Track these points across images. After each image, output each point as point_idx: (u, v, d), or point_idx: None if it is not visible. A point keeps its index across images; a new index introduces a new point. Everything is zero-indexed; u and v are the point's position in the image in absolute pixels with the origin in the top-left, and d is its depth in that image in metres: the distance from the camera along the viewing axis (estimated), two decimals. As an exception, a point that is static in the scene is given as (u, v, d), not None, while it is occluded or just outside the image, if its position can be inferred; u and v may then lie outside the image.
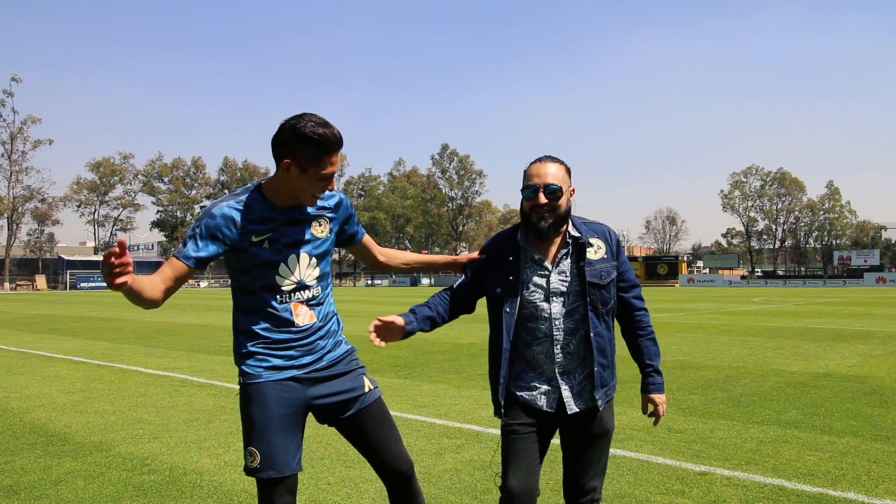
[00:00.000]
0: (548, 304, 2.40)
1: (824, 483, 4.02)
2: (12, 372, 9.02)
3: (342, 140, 2.24)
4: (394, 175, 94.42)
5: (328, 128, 2.19)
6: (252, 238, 2.27)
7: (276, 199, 2.31)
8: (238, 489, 4.04)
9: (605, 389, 2.48)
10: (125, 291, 2.03)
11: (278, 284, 2.31)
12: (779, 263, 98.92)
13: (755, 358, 9.65)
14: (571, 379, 2.43)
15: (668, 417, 5.79)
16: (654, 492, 3.90)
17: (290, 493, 2.27)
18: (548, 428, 2.46)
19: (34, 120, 70.26)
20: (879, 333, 13.08)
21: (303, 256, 2.35)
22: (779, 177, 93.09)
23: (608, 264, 2.45)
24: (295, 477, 2.30)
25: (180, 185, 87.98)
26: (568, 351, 2.42)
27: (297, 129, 2.17)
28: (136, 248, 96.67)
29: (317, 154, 2.19)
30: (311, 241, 2.37)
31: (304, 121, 2.18)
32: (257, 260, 2.28)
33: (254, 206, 2.29)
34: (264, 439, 2.27)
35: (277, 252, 2.30)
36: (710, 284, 62.25)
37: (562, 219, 2.41)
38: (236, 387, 2.46)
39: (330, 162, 2.21)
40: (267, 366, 2.33)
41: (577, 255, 2.42)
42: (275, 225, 2.30)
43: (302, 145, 2.17)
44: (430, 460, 4.61)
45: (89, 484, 4.16)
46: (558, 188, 2.37)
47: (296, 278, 2.34)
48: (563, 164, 2.47)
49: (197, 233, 2.24)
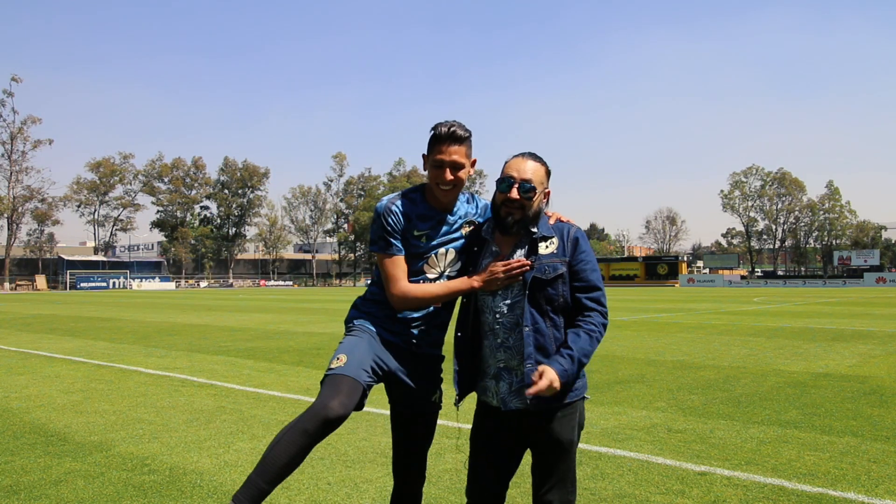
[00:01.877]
0: (492, 296, 2.41)
1: (824, 483, 4.02)
2: (12, 372, 9.02)
3: (457, 134, 2.48)
4: (394, 175, 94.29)
5: (445, 124, 2.51)
6: (414, 231, 2.57)
7: (432, 200, 2.61)
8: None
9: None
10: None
11: (424, 272, 2.59)
12: (779, 263, 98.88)
13: (755, 358, 9.65)
14: (511, 375, 2.38)
15: (668, 417, 5.80)
16: (654, 492, 3.90)
17: (344, 405, 2.27)
18: (513, 427, 2.42)
19: (34, 120, 70.42)
20: (879, 333, 13.09)
21: (450, 251, 2.62)
22: (779, 177, 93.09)
23: (556, 259, 2.38)
24: (360, 385, 2.35)
25: (180, 185, 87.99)
26: (507, 346, 2.38)
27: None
28: (137, 248, 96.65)
29: (433, 142, 2.52)
30: (459, 239, 2.64)
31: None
32: (414, 250, 2.57)
33: (418, 202, 2.60)
34: (353, 350, 2.47)
35: (431, 246, 2.59)
36: (710, 284, 62.25)
37: (530, 219, 2.39)
38: (236, 387, 2.50)
39: (440, 150, 2.48)
40: (385, 328, 2.60)
41: (529, 249, 2.40)
42: (432, 223, 2.59)
43: (429, 138, 2.54)
44: (430, 460, 4.58)
45: (89, 484, 4.15)
46: (532, 187, 2.35)
47: (440, 269, 2.61)
48: (545, 164, 2.45)
49: (388, 228, 2.54)
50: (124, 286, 68.23)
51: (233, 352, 11.11)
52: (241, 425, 5.67)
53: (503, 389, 2.38)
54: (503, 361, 2.39)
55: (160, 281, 72.93)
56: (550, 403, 2.32)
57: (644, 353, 10.40)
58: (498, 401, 2.40)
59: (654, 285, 63.11)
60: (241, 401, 6.55)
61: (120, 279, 69.63)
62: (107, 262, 77.59)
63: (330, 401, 2.25)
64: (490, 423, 2.46)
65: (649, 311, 21.31)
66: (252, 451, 4.84)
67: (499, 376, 2.40)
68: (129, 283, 68.84)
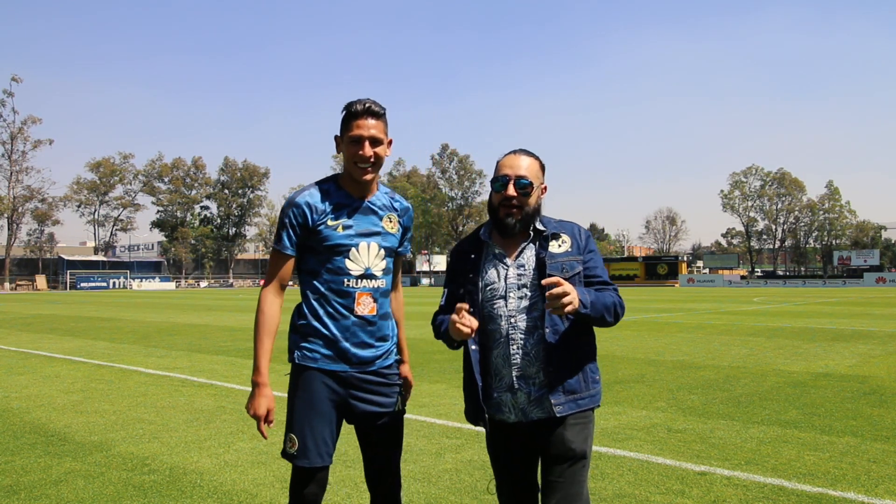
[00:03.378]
0: (504, 300, 2.25)
1: (824, 483, 4.02)
2: (12, 372, 9.02)
3: (374, 109, 2.36)
4: (394, 175, 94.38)
5: (360, 101, 2.37)
6: (328, 221, 2.38)
7: (348, 187, 2.44)
8: (238, 489, 4.04)
9: (572, 397, 2.21)
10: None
11: (348, 269, 2.39)
12: (779, 263, 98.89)
13: (755, 358, 9.65)
14: (530, 384, 2.22)
15: (668, 417, 5.80)
16: (654, 492, 3.90)
17: (318, 485, 2.36)
18: (528, 441, 2.28)
19: (34, 120, 70.34)
20: (879, 333, 13.08)
21: (373, 245, 2.43)
22: (779, 177, 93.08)
23: (573, 257, 2.27)
24: (326, 470, 2.38)
25: (180, 185, 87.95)
26: (526, 352, 2.21)
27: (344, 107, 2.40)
28: (137, 248, 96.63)
29: (348, 119, 2.37)
30: (381, 234, 2.46)
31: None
32: (331, 242, 2.37)
33: (331, 192, 2.43)
34: (303, 427, 2.35)
35: (350, 237, 2.40)
36: (709, 284, 62.26)
37: (530, 216, 2.28)
38: (236, 387, 2.50)
39: (357, 125, 2.34)
40: (325, 353, 2.39)
41: (540, 246, 2.28)
42: (348, 210, 2.41)
43: (341, 118, 2.40)
44: (430, 460, 4.61)
45: (89, 484, 4.15)
46: (529, 183, 2.26)
47: (364, 265, 2.41)
48: (538, 158, 2.36)
49: (286, 222, 2.39)
50: (124, 286, 68.23)
51: (233, 352, 11.11)
52: (241, 425, 5.67)
53: (522, 400, 2.22)
54: (520, 370, 2.22)
55: (160, 281, 72.91)
56: (574, 410, 2.20)
57: (644, 353, 10.40)
58: (517, 414, 2.24)
59: (653, 285, 63.12)
60: (241, 401, 6.54)
61: (120, 279, 69.63)
62: (107, 262, 77.60)
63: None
64: (505, 438, 2.31)
65: (649, 311, 21.30)
66: (252, 451, 4.84)
67: (515, 387, 2.23)
68: (129, 283, 68.84)
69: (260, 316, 2.39)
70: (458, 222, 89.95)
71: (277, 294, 2.40)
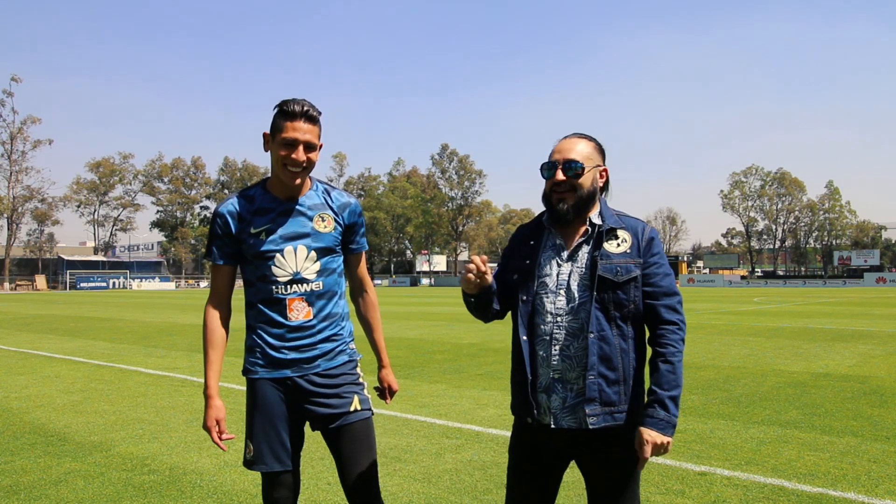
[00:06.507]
0: (553, 296, 2.11)
1: (824, 483, 4.02)
2: (12, 372, 9.02)
3: (311, 113, 2.27)
4: (393, 175, 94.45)
5: (297, 101, 2.27)
6: (251, 229, 2.33)
7: (275, 190, 2.37)
8: (238, 489, 4.04)
9: (608, 409, 2.05)
10: None
11: (275, 275, 2.34)
12: (779, 263, 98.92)
13: (755, 358, 9.65)
14: (566, 389, 2.07)
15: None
16: (654, 492, 3.90)
17: (284, 488, 2.36)
18: (557, 449, 2.13)
19: (34, 120, 70.29)
20: (879, 333, 13.08)
21: (300, 248, 2.35)
22: (779, 177, 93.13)
23: (629, 260, 2.09)
24: (288, 473, 2.37)
25: (180, 185, 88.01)
26: (567, 354, 2.07)
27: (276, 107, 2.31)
28: (137, 248, 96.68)
29: (282, 119, 2.27)
30: (311, 235, 2.37)
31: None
32: (255, 250, 2.33)
33: (256, 197, 2.37)
34: (256, 435, 2.37)
35: (274, 243, 2.34)
36: (710, 284, 62.23)
37: (584, 201, 2.12)
38: (236, 387, 2.51)
39: (293, 128, 2.25)
40: (264, 363, 2.39)
41: (595, 244, 2.11)
42: (273, 216, 2.35)
43: (274, 116, 2.31)
44: (430, 460, 4.61)
45: (89, 484, 4.16)
46: (579, 165, 2.10)
47: (291, 270, 2.34)
48: (594, 141, 2.20)
49: (212, 233, 2.38)
50: (124, 286, 68.21)
51: (233, 352, 11.07)
52: (241, 425, 5.65)
53: (555, 405, 2.07)
54: (559, 373, 2.08)
55: (160, 281, 72.87)
56: (609, 423, 2.05)
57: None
58: (549, 417, 2.09)
59: (654, 285, 63.06)
60: (240, 401, 6.52)
61: (120, 279, 69.59)
62: (107, 262, 77.51)
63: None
64: (534, 440, 2.15)
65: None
66: (252, 451, 4.84)
67: (551, 389, 2.08)
68: (128, 283, 68.81)
69: (203, 330, 2.42)
70: (458, 222, 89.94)
71: (217, 306, 2.42)
